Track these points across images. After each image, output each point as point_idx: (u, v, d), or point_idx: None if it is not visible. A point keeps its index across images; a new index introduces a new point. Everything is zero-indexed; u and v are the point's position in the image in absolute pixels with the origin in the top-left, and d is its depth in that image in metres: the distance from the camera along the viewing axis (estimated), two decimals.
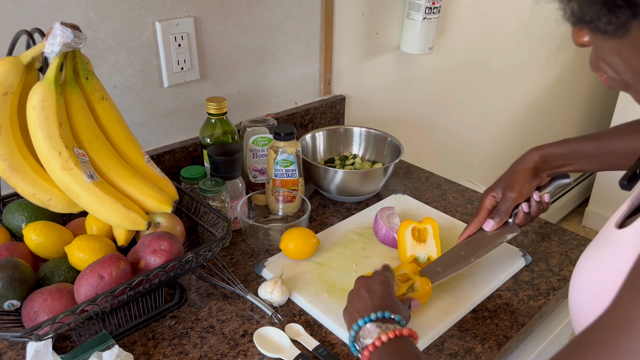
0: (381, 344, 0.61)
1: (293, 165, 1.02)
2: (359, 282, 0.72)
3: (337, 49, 1.30)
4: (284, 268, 0.89)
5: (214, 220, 0.87)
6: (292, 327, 0.78)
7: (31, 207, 0.82)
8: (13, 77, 0.71)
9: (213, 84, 1.10)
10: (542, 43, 2.06)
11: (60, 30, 0.68)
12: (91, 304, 0.67)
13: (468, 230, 0.87)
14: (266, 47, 1.16)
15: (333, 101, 1.32)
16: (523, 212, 0.84)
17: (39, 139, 0.70)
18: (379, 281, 0.71)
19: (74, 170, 0.71)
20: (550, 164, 0.85)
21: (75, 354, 0.69)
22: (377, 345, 0.61)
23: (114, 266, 0.71)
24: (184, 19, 1.00)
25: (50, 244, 0.78)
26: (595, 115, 2.86)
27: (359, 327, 0.65)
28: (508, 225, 0.86)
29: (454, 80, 1.74)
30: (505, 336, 0.78)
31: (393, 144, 1.18)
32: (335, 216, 1.07)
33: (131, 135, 0.83)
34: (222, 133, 1.00)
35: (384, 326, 0.63)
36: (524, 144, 2.31)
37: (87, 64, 0.78)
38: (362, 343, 0.64)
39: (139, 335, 0.77)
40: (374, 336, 0.62)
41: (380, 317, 0.65)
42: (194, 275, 0.89)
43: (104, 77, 0.93)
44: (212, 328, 0.79)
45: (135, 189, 0.78)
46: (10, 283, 0.70)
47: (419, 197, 1.14)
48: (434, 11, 1.36)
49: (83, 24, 0.88)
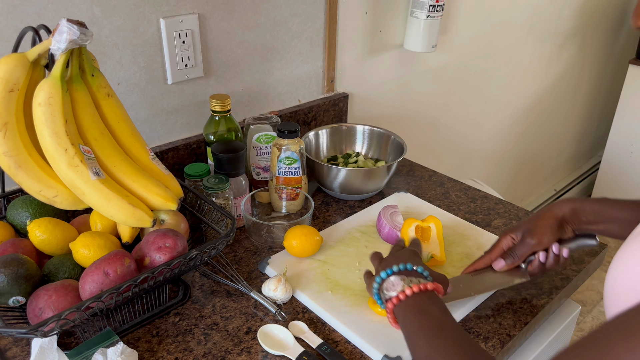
0: (405, 297, 0.62)
1: (296, 163, 1.02)
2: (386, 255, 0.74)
3: (341, 47, 1.30)
4: (288, 265, 0.90)
5: (217, 218, 0.87)
6: (296, 325, 0.79)
7: (36, 203, 0.82)
8: (19, 73, 0.71)
9: (217, 81, 1.10)
10: (545, 41, 2.06)
11: (66, 27, 0.68)
12: (96, 300, 0.67)
13: (476, 264, 0.83)
14: (270, 45, 1.15)
15: (336, 99, 1.32)
16: (538, 261, 0.79)
17: (44, 135, 0.70)
18: (408, 250, 0.73)
19: (79, 167, 0.71)
20: (579, 218, 0.79)
21: (80, 350, 0.69)
22: (401, 299, 0.62)
23: (118, 263, 0.71)
24: (188, 15, 0.99)
25: (54, 240, 0.78)
26: (597, 114, 2.85)
27: (381, 279, 0.66)
28: (519, 270, 0.81)
29: (457, 78, 1.74)
30: (508, 335, 0.78)
31: (396, 142, 1.18)
32: (338, 214, 1.08)
33: (136, 133, 0.83)
34: (225, 130, 1.00)
35: (407, 279, 0.63)
36: (526, 142, 2.31)
37: (92, 60, 0.78)
38: (386, 295, 0.64)
39: (143, 331, 0.78)
40: (397, 289, 0.62)
41: (403, 268, 0.65)
42: (198, 273, 0.89)
43: (108, 73, 0.94)
44: (216, 325, 0.79)
45: (141, 186, 0.78)
46: (15, 279, 0.70)
47: (422, 196, 1.14)
48: (437, 9, 1.36)
49: (88, 21, 0.88)
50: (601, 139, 2.96)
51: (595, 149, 3.05)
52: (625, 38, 2.65)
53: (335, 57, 1.30)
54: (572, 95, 2.49)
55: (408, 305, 0.62)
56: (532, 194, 2.63)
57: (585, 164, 3.03)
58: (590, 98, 2.67)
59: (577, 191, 2.89)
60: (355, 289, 0.85)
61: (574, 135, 2.73)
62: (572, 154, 2.82)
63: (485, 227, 1.03)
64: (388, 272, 0.66)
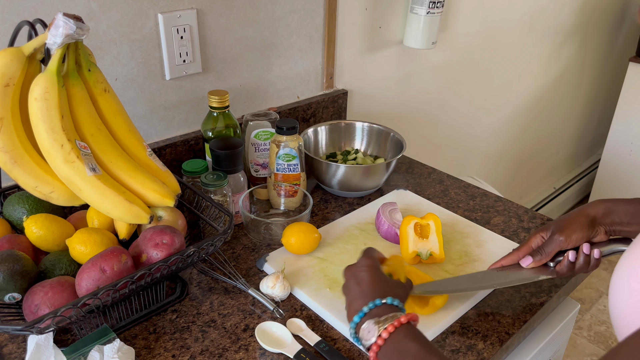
0: (383, 342, 0.60)
1: (295, 159, 1.01)
2: (346, 273, 0.72)
3: (340, 43, 1.30)
4: (286, 263, 0.89)
5: (215, 214, 0.87)
6: (294, 322, 0.78)
7: (32, 199, 0.82)
8: (15, 68, 0.70)
9: (215, 77, 1.09)
10: (545, 39, 2.06)
11: (62, 21, 0.67)
12: (93, 297, 0.66)
13: (503, 260, 0.81)
14: (269, 41, 1.15)
15: (335, 95, 1.32)
16: (567, 261, 0.76)
17: (40, 131, 0.70)
18: (365, 267, 0.70)
19: (76, 163, 0.71)
20: (612, 218, 0.76)
21: (76, 347, 0.68)
22: (380, 345, 0.60)
23: (115, 260, 0.70)
24: (186, 11, 0.99)
25: (51, 236, 0.77)
26: (597, 112, 2.85)
27: (355, 324, 0.64)
28: (547, 269, 0.78)
29: (456, 75, 1.73)
30: (507, 333, 0.78)
31: (395, 139, 1.17)
32: (337, 211, 1.07)
33: (133, 128, 0.82)
34: (224, 126, 1.00)
35: (382, 319, 0.61)
36: (526, 139, 2.31)
37: (89, 55, 0.77)
38: (364, 344, 0.63)
39: (140, 329, 0.77)
40: (374, 334, 0.61)
41: (372, 306, 0.63)
42: (196, 269, 0.89)
43: (105, 69, 0.93)
44: (214, 322, 0.78)
45: (138, 183, 0.77)
46: (11, 276, 0.69)
47: (421, 193, 1.14)
48: (437, 5, 1.35)
49: (85, 15, 0.88)
50: (601, 137, 2.95)
51: (594, 147, 3.05)
52: (625, 36, 2.65)
53: (335, 53, 1.29)
54: (572, 93, 2.49)
55: (388, 349, 0.60)
56: (532, 192, 2.63)
57: (584, 162, 3.03)
58: (590, 96, 2.67)
59: (576, 189, 2.88)
60: None
61: (573, 133, 2.73)
62: (571, 152, 2.81)
63: (484, 225, 1.03)
64: (360, 315, 0.64)
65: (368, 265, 0.70)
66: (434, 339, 0.76)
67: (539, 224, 1.03)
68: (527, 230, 1.01)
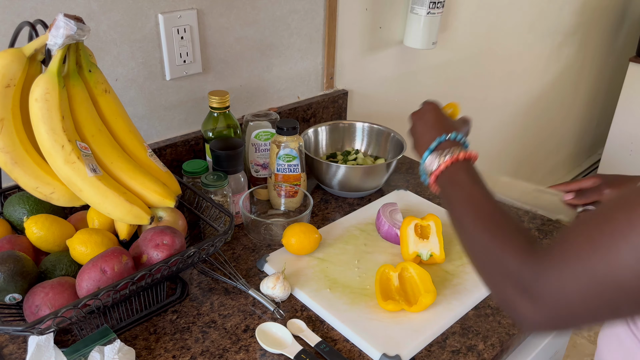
0: (440, 172, 0.67)
1: (295, 160, 1.01)
2: (412, 118, 0.79)
3: (340, 43, 1.30)
4: (286, 263, 0.89)
5: (216, 215, 0.87)
6: (294, 323, 0.78)
7: (32, 200, 0.82)
8: (15, 69, 0.70)
9: (215, 77, 1.09)
10: (545, 39, 2.06)
11: (63, 22, 0.67)
12: (93, 298, 0.66)
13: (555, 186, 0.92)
14: (269, 41, 1.15)
15: (335, 96, 1.32)
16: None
17: (41, 131, 0.70)
18: (429, 109, 0.79)
19: (76, 164, 0.71)
20: None
21: (77, 348, 0.68)
22: (437, 174, 0.68)
23: (116, 260, 0.70)
24: (186, 11, 0.99)
25: (51, 237, 0.77)
26: (597, 112, 2.85)
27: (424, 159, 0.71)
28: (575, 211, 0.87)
29: (457, 75, 1.73)
30: (507, 333, 0.78)
31: (396, 140, 1.17)
32: (337, 212, 1.07)
33: (134, 129, 0.82)
34: (224, 127, 1.00)
35: (444, 153, 0.68)
36: (526, 139, 2.31)
37: (90, 56, 0.77)
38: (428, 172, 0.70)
39: (141, 329, 0.77)
40: (434, 166, 0.68)
41: (437, 144, 0.70)
42: (196, 270, 0.89)
43: (106, 69, 0.93)
44: (214, 323, 0.79)
45: (138, 183, 0.77)
46: (11, 276, 0.69)
47: (422, 193, 1.14)
48: (437, 6, 1.35)
49: (85, 16, 0.88)
50: (601, 137, 2.95)
51: (594, 147, 3.05)
52: (625, 36, 2.65)
53: (335, 53, 1.29)
54: (572, 93, 2.49)
55: (444, 177, 0.67)
56: None
57: (584, 161, 3.03)
58: (590, 96, 2.67)
59: None
60: (354, 286, 0.84)
61: (573, 133, 2.73)
62: (571, 151, 2.81)
63: None
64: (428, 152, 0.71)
65: (432, 108, 0.79)
66: (434, 339, 0.76)
67: (539, 224, 1.03)
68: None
